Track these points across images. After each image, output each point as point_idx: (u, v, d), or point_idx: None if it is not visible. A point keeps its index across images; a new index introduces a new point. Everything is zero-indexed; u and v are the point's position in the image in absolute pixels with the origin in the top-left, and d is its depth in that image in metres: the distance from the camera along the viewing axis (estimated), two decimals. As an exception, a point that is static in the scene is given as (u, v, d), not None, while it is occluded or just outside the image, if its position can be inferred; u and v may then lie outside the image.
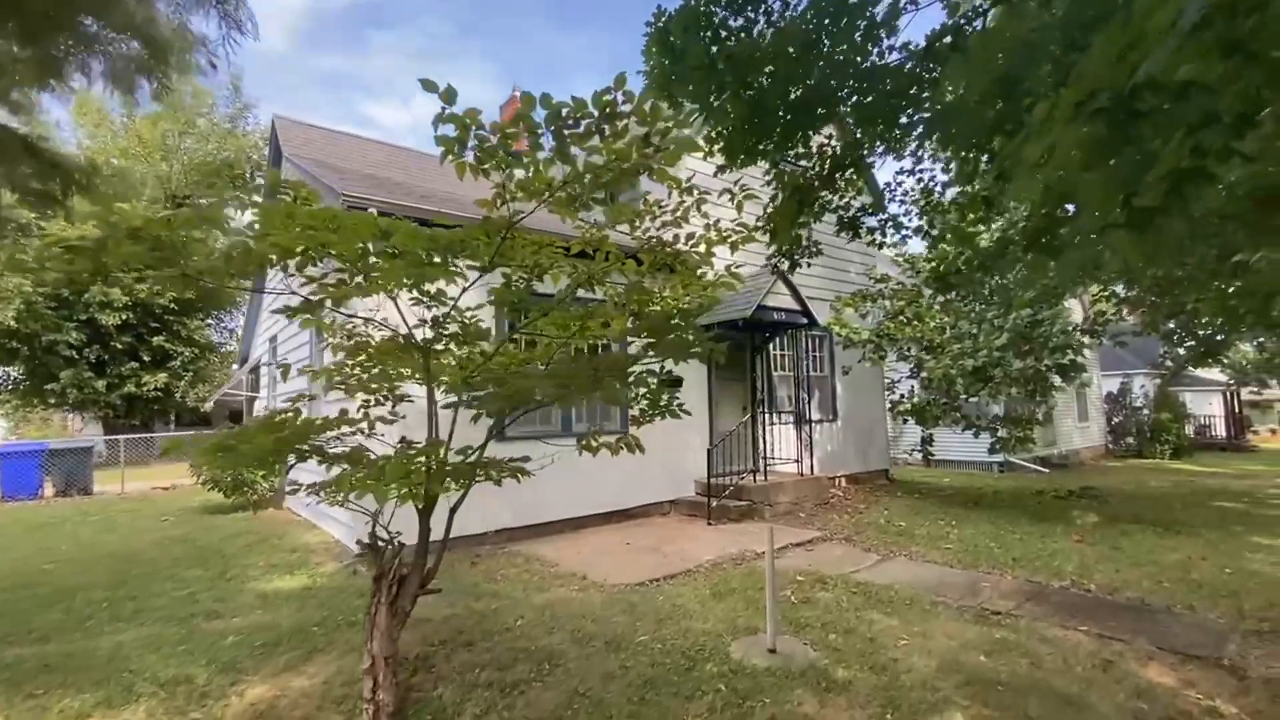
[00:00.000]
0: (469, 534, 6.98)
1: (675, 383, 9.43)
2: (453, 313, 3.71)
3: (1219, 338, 9.15)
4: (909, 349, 10.16)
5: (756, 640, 4.23)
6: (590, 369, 3.62)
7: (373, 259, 3.11)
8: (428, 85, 2.60)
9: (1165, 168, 1.70)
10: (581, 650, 4.16)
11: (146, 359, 22.22)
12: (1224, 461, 18.91)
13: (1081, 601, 5.16)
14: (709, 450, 8.49)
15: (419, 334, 3.85)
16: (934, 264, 11.25)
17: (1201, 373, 27.77)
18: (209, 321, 26.36)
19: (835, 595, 5.24)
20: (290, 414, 3.02)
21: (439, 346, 3.81)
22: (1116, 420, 22.71)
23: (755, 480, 8.83)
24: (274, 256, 3.09)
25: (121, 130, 26.22)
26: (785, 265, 6.04)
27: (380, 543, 3.30)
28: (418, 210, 6.59)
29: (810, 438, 10.19)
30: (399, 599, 3.12)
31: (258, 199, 3.37)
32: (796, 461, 9.85)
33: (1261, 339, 11.03)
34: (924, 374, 9.56)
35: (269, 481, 10.06)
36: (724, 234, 3.86)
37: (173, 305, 22.26)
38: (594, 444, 4.36)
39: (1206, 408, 27.59)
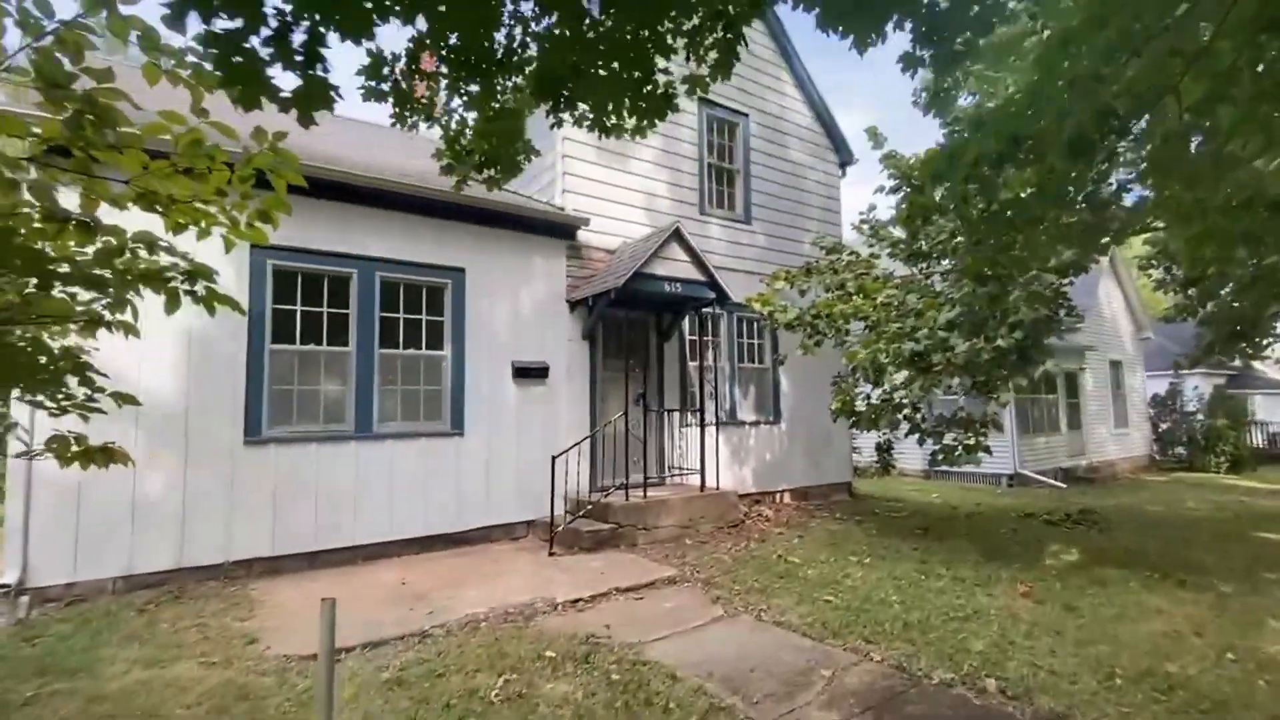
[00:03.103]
0: (196, 565, 5.40)
1: (536, 373, 7.68)
2: None
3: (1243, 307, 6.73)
4: (847, 330, 8.11)
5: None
6: None
7: None
8: None
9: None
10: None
11: None
12: (1292, 476, 15.88)
13: (953, 717, 3.18)
14: (554, 458, 6.68)
15: None
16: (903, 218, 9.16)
17: (1277, 373, 24.17)
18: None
19: (572, 689, 3.41)
20: None
21: None
22: (1164, 427, 19.67)
23: (629, 497, 6.97)
24: None
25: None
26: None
27: None
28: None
29: (718, 443, 8.25)
30: None
31: None
32: (701, 472, 7.92)
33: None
34: (844, 360, 7.46)
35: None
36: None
37: None
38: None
39: (1283, 414, 23.89)
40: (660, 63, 2.49)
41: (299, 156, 2.53)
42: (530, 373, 7.39)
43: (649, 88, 2.56)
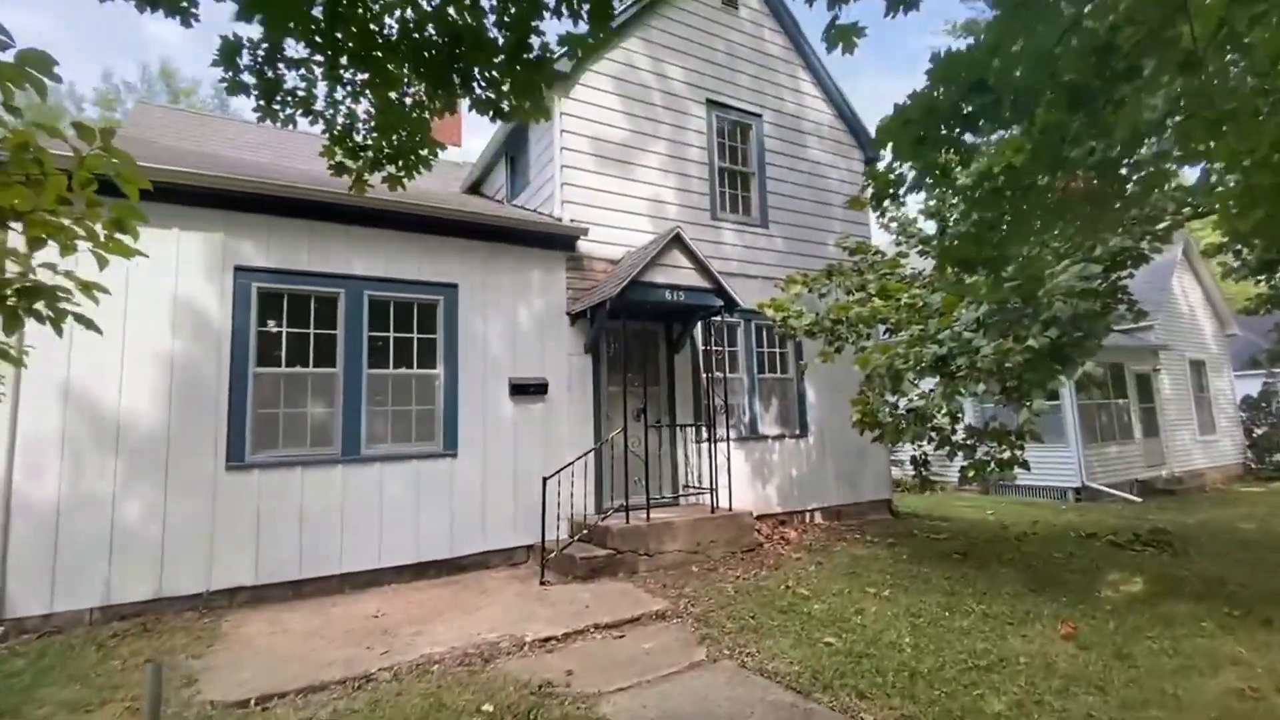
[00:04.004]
0: (176, 595, 5.29)
1: (534, 389, 7.35)
2: None
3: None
4: (869, 335, 7.45)
5: None
6: None
7: None
8: None
9: None
10: None
11: None
12: None
13: (952, 802, 2.59)
14: (545, 480, 6.31)
15: None
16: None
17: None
18: None
19: (507, 748, 3.00)
20: None
21: None
22: (1259, 431, 17.68)
23: (629, 520, 6.52)
24: None
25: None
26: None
27: None
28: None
29: (729, 460, 7.68)
30: None
31: None
32: (712, 491, 7.39)
33: None
34: (856, 366, 6.79)
35: None
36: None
37: None
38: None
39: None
40: (534, 22, 2.14)
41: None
42: (528, 389, 7.09)
43: (527, 55, 2.20)
